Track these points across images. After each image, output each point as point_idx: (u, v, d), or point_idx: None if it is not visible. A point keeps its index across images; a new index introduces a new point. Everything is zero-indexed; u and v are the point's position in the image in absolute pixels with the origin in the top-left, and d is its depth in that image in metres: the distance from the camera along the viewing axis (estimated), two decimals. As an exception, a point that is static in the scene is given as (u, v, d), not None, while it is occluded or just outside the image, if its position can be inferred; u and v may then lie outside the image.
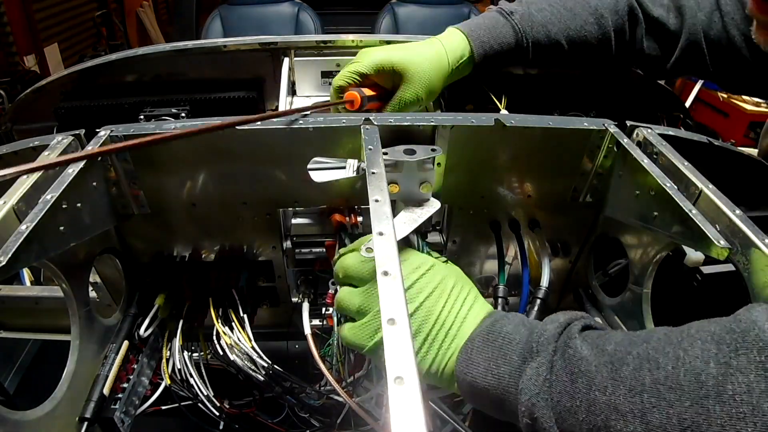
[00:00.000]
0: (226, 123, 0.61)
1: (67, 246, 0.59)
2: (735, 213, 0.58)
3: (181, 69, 1.05)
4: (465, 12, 2.97)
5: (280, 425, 0.97)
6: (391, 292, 0.42)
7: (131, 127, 0.69)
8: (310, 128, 0.68)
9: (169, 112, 0.94)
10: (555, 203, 0.81)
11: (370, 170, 0.58)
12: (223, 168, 0.72)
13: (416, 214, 0.65)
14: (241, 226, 0.80)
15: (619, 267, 0.88)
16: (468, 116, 0.71)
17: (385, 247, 0.46)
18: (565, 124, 0.72)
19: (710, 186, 0.61)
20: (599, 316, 0.88)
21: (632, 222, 0.70)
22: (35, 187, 0.57)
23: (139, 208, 0.73)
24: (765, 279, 0.53)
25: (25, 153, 0.66)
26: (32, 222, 0.52)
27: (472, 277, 0.96)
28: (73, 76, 1.01)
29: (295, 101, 1.13)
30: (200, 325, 0.84)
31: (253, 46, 1.07)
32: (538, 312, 0.80)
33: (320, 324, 0.85)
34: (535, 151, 0.73)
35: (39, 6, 3.41)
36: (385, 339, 0.38)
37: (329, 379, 0.73)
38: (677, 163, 0.65)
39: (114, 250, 0.78)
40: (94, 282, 0.82)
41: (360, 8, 3.29)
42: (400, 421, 0.33)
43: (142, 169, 0.70)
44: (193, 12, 2.80)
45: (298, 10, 2.88)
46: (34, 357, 1.18)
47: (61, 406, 0.63)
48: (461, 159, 0.73)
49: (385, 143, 0.66)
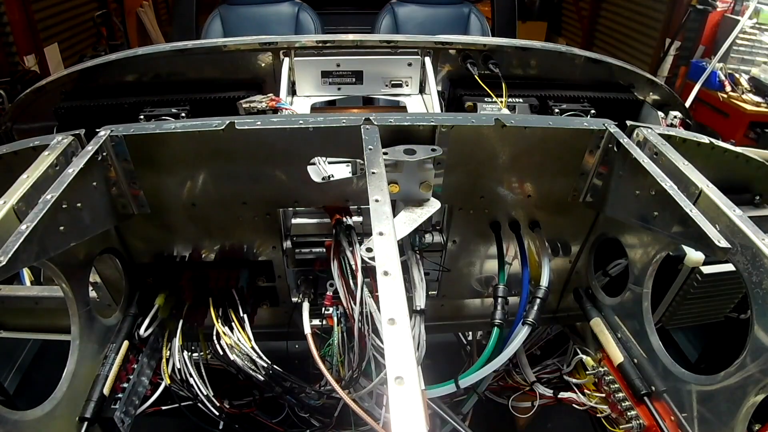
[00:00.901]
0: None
1: (67, 246, 0.59)
2: (735, 213, 0.58)
3: (181, 69, 1.04)
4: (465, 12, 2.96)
5: (280, 425, 0.97)
6: (391, 292, 0.42)
7: (131, 127, 0.69)
8: (310, 128, 0.68)
9: (169, 112, 0.94)
10: (555, 203, 0.81)
11: (370, 170, 0.58)
12: (223, 168, 0.72)
13: (416, 214, 0.66)
14: (241, 226, 0.80)
15: (619, 267, 0.88)
16: (468, 116, 0.71)
17: (385, 247, 0.46)
18: (565, 124, 0.72)
19: (710, 186, 0.61)
20: (599, 316, 0.88)
21: (632, 222, 0.70)
22: (35, 187, 0.57)
23: (139, 208, 0.73)
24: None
25: (25, 153, 0.66)
26: (32, 222, 0.52)
27: (472, 277, 0.96)
28: (73, 76, 1.01)
29: (295, 101, 1.13)
30: (200, 325, 0.84)
31: (253, 46, 1.07)
32: (538, 311, 0.80)
33: (320, 324, 0.85)
34: (535, 151, 0.73)
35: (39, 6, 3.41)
36: (385, 339, 0.38)
37: (329, 379, 0.73)
38: (677, 163, 0.65)
39: (114, 250, 0.78)
40: (94, 282, 0.82)
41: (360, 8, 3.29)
42: (400, 421, 0.33)
43: (142, 169, 0.70)
44: (193, 12, 2.80)
45: (298, 10, 2.88)
46: (34, 357, 1.18)
47: (61, 406, 0.63)
48: (461, 159, 0.73)
49: (385, 143, 0.66)
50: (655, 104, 1.23)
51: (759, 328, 0.57)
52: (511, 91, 1.12)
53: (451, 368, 0.92)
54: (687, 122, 1.22)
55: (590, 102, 1.15)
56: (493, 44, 1.14)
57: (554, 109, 1.11)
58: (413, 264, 0.70)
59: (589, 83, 1.20)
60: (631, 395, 0.80)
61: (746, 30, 2.83)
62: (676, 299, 0.81)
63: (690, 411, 0.69)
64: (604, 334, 0.86)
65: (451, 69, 1.17)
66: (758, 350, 0.57)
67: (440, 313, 0.99)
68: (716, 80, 2.87)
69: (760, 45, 2.85)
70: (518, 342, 0.79)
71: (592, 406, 0.90)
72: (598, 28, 4.44)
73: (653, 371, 0.77)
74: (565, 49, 1.19)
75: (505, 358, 0.78)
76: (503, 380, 1.06)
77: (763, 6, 2.82)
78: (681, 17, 3.22)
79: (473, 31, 2.75)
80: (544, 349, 1.12)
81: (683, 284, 0.79)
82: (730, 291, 0.80)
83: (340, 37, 1.09)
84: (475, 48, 1.14)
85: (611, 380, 0.85)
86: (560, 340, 1.10)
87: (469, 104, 1.09)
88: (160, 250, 0.83)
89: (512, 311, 0.82)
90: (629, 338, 0.82)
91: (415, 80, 1.15)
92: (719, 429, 0.63)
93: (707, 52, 3.17)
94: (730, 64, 2.91)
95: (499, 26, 2.83)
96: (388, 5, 2.96)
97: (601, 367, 0.88)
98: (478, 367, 0.78)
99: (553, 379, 1.04)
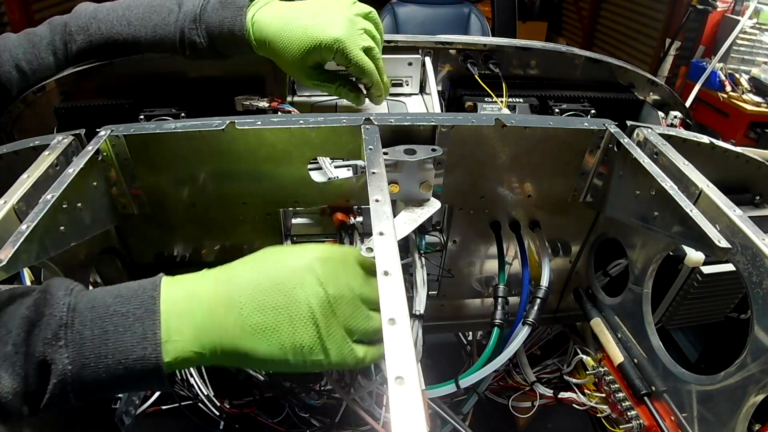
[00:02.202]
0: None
1: (67, 246, 0.59)
2: (735, 213, 0.58)
3: (181, 69, 1.04)
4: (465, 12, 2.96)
5: (280, 425, 0.97)
6: (391, 292, 0.42)
7: (131, 127, 0.69)
8: (311, 128, 0.68)
9: (170, 111, 0.94)
10: (555, 203, 0.81)
11: (370, 170, 0.58)
12: (223, 168, 0.72)
13: (416, 214, 0.66)
14: (241, 226, 0.80)
15: (619, 267, 0.88)
16: (468, 116, 0.71)
17: (385, 247, 0.46)
18: (565, 124, 0.72)
19: (710, 186, 0.61)
20: (599, 316, 0.88)
21: (632, 222, 0.70)
22: (35, 187, 0.57)
23: (139, 208, 0.73)
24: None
25: (26, 153, 0.66)
26: (32, 222, 0.52)
27: (472, 277, 0.96)
28: (73, 77, 1.01)
29: (295, 101, 1.13)
30: (200, 325, 0.84)
31: (253, 45, 1.06)
32: (538, 311, 0.80)
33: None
34: (535, 151, 0.73)
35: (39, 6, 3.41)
36: (385, 339, 0.38)
37: (329, 379, 0.73)
38: (677, 163, 0.65)
39: (114, 250, 0.78)
40: (95, 282, 0.82)
41: (360, 8, 3.29)
42: (400, 421, 0.33)
43: (142, 169, 0.70)
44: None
45: (298, 10, 2.88)
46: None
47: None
48: (461, 159, 0.73)
49: (386, 143, 0.66)
50: (655, 104, 1.23)
51: (759, 328, 0.57)
52: (512, 91, 1.12)
53: (451, 368, 0.92)
54: (687, 122, 1.21)
55: (590, 102, 1.15)
56: (494, 44, 1.14)
57: (554, 109, 1.11)
58: (417, 267, 0.70)
59: (589, 83, 1.20)
60: (631, 395, 0.80)
61: (746, 30, 2.83)
62: (676, 299, 0.81)
63: (690, 411, 0.69)
64: (604, 334, 0.86)
65: (452, 69, 1.17)
66: (758, 350, 0.57)
67: (440, 313, 0.99)
68: (716, 80, 2.87)
69: (761, 45, 2.85)
70: (518, 342, 0.79)
71: (592, 406, 0.90)
72: (598, 28, 4.44)
73: (653, 371, 0.77)
74: (566, 49, 1.19)
75: (505, 358, 0.78)
76: (503, 380, 1.06)
77: (763, 6, 2.82)
78: (681, 17, 3.22)
79: (473, 31, 2.75)
80: (544, 349, 1.12)
81: (683, 284, 0.79)
82: (730, 291, 0.80)
83: (340, 37, 1.08)
84: (476, 48, 1.14)
85: (611, 380, 0.85)
86: (560, 340, 1.10)
87: (470, 104, 1.09)
88: (160, 250, 0.83)
89: (512, 311, 0.82)
90: (629, 338, 0.82)
91: (416, 80, 1.15)
92: (719, 429, 0.63)
93: (707, 52, 3.17)
94: (731, 64, 2.91)
95: (499, 26, 2.83)
96: (388, 5, 2.96)
97: (601, 367, 0.88)
98: (478, 367, 0.78)
99: (553, 379, 1.04)
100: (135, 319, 0.45)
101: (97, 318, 0.45)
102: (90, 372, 0.44)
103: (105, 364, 0.44)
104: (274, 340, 0.46)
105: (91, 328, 0.45)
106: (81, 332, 0.44)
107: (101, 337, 0.44)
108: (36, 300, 0.46)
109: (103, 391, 0.45)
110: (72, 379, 0.43)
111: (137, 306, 0.46)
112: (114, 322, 0.45)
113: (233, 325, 0.47)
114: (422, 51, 1.13)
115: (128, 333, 0.45)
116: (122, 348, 0.44)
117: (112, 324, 0.45)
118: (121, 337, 0.44)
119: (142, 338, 0.44)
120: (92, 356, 0.44)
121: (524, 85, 1.18)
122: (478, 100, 1.10)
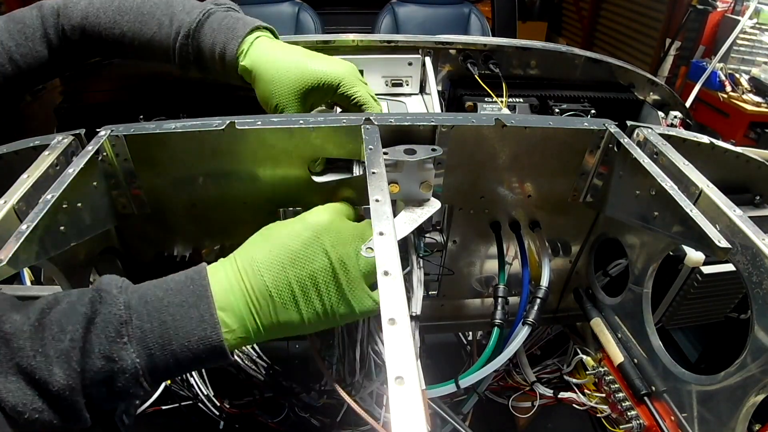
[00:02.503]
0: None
1: (67, 246, 0.59)
2: (735, 213, 0.58)
3: (181, 69, 1.04)
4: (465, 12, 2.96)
5: (280, 425, 0.97)
6: (391, 292, 0.42)
7: (131, 126, 0.69)
8: (311, 128, 0.68)
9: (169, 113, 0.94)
10: (555, 203, 0.81)
11: (370, 170, 0.58)
12: (223, 168, 0.72)
13: (416, 214, 0.66)
14: (242, 226, 0.79)
15: (619, 267, 0.88)
16: (468, 116, 0.71)
17: (386, 247, 0.46)
18: (565, 124, 0.72)
19: (710, 186, 0.61)
20: (599, 316, 0.88)
21: (632, 222, 0.70)
22: (35, 187, 0.57)
23: (139, 208, 0.73)
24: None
25: (26, 153, 0.66)
26: (32, 222, 0.52)
27: (472, 277, 0.96)
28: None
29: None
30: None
31: (253, 45, 1.06)
32: (538, 311, 0.80)
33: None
34: (535, 151, 0.73)
35: (39, 6, 3.42)
36: (385, 339, 0.38)
37: (329, 379, 0.73)
38: (677, 163, 0.65)
39: (114, 250, 0.78)
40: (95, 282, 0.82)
41: (360, 8, 3.29)
42: (400, 421, 0.33)
43: (142, 169, 0.70)
44: (193, 12, 2.79)
45: (299, 9, 2.88)
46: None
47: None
48: (461, 159, 0.73)
49: (386, 143, 0.66)
50: (655, 104, 1.23)
51: (759, 328, 0.57)
52: (512, 91, 1.12)
53: (451, 368, 0.92)
54: (687, 122, 1.22)
55: (590, 102, 1.15)
56: (494, 44, 1.14)
57: (554, 109, 1.11)
58: (414, 269, 0.70)
59: (589, 83, 1.20)
60: (632, 395, 0.80)
61: (746, 30, 2.83)
62: (676, 299, 0.81)
63: (690, 411, 0.69)
64: (604, 334, 0.86)
65: (452, 69, 1.17)
66: (758, 350, 0.57)
67: (440, 313, 0.99)
68: (716, 80, 2.87)
69: (761, 45, 2.85)
70: (518, 342, 0.79)
71: (592, 406, 0.90)
72: (598, 28, 4.44)
73: (653, 371, 0.77)
74: (566, 49, 1.19)
75: (506, 358, 0.78)
76: (503, 380, 1.06)
77: (763, 6, 2.82)
78: (681, 17, 3.22)
79: (473, 31, 2.75)
80: (544, 349, 1.12)
81: (683, 284, 0.79)
82: (730, 291, 0.80)
83: (340, 37, 1.09)
84: (476, 48, 1.14)
85: (611, 380, 0.85)
86: (560, 340, 1.10)
87: (470, 104, 1.09)
88: (160, 250, 0.83)
89: (512, 311, 0.82)
90: (629, 338, 0.82)
91: (416, 80, 1.15)
92: (719, 429, 0.64)
93: (707, 52, 3.17)
94: (731, 64, 2.91)
95: (499, 26, 2.83)
96: (388, 5, 2.96)
97: (601, 367, 0.88)
98: (478, 367, 0.78)
99: (553, 379, 1.04)
100: (189, 306, 0.50)
101: (153, 311, 0.49)
102: (158, 361, 0.48)
103: (170, 350, 0.48)
104: (307, 308, 0.54)
105: (150, 321, 0.48)
106: (141, 327, 0.48)
107: (161, 327, 0.48)
108: (91, 298, 0.49)
109: (173, 374, 0.51)
110: (143, 370, 0.47)
111: (189, 294, 0.51)
112: (171, 312, 0.49)
113: (266, 308, 0.53)
114: (422, 51, 1.13)
115: (186, 319, 0.49)
116: (183, 333, 0.49)
117: (169, 314, 0.49)
118: (180, 323, 0.49)
119: (200, 321, 0.49)
120: (156, 346, 0.48)
121: (524, 85, 1.18)
122: (478, 100, 1.10)
